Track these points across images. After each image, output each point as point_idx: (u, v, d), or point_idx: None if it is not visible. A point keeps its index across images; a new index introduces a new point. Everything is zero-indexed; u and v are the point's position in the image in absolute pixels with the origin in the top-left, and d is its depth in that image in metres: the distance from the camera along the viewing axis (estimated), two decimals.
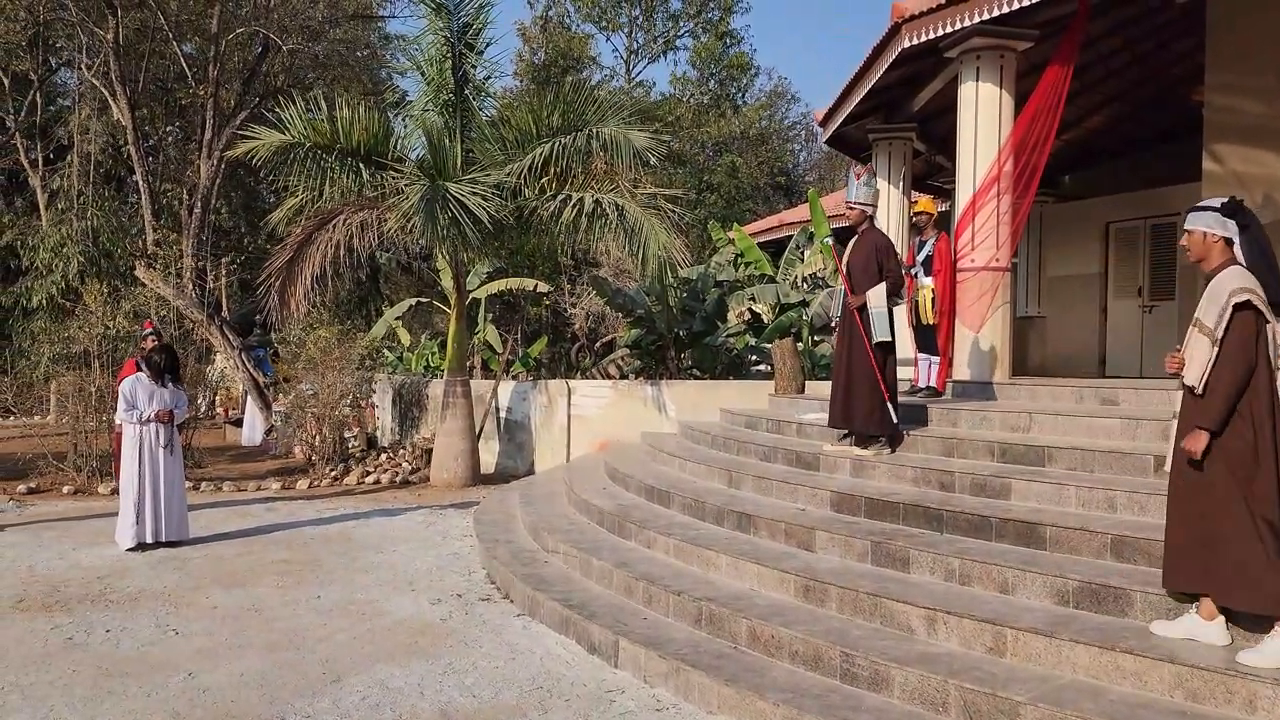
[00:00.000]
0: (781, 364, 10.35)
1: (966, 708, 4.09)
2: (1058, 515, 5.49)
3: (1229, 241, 4.18)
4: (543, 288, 17.46)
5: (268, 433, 15.60)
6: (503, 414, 13.44)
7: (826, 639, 4.75)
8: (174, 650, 5.57)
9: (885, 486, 6.61)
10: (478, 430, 12.51)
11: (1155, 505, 5.16)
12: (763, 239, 19.65)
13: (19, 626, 6.04)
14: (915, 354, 9.11)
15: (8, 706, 4.73)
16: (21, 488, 11.38)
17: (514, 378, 15.96)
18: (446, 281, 15.18)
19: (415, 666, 5.30)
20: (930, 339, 8.88)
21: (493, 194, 10.51)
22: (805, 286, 16.06)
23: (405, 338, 20.15)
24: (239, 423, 17.71)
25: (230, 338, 15.89)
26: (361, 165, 10.94)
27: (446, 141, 11.24)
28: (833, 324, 7.54)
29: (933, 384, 8.85)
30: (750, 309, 16.73)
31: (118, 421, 8.75)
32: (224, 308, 20.72)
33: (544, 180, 10.94)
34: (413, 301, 18.60)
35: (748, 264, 16.97)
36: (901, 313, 8.39)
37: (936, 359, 8.87)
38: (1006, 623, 4.48)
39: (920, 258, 8.79)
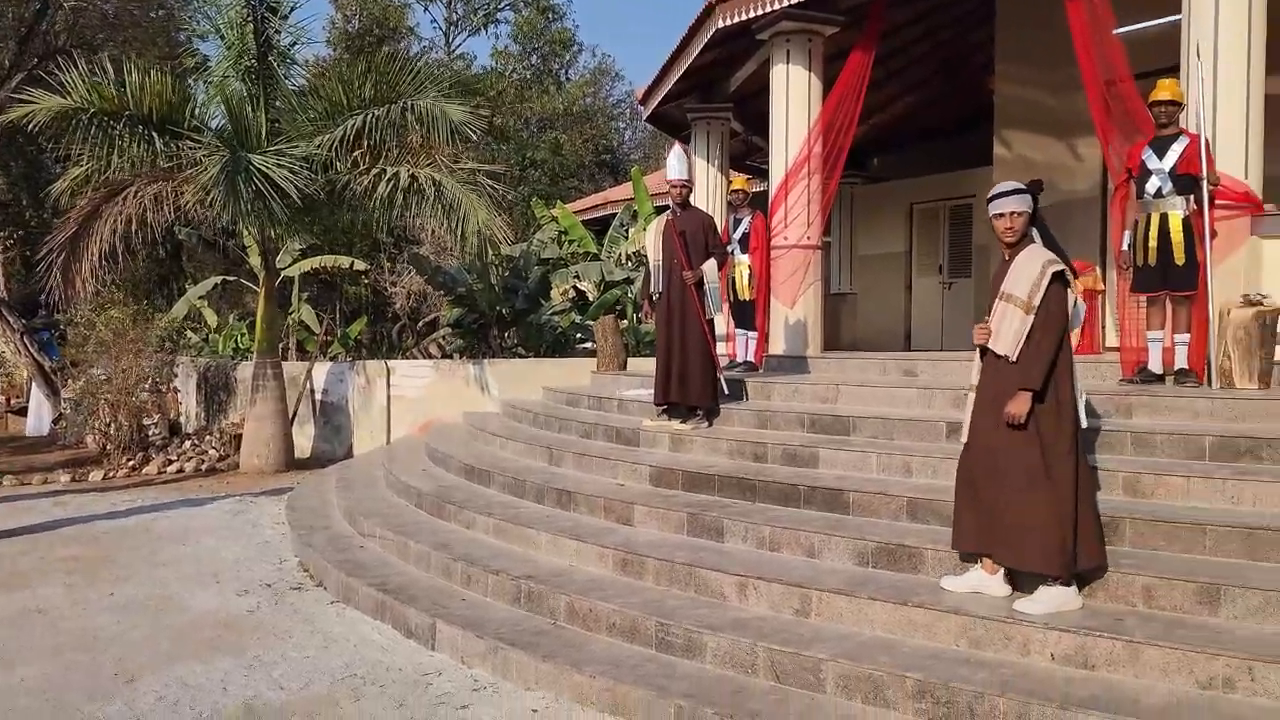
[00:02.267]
0: (604, 341, 10.45)
1: (774, 668, 4.29)
2: (860, 481, 5.80)
3: (1029, 219, 4.51)
4: (360, 266, 16.95)
5: (55, 421, 14.53)
6: (318, 396, 13.00)
7: (643, 610, 4.87)
8: None
9: (702, 459, 6.80)
10: (291, 414, 12.06)
11: (946, 469, 5.53)
12: (587, 217, 19.73)
13: None
14: (732, 330, 9.40)
15: None
16: None
17: (332, 359, 15.44)
18: (254, 259, 14.52)
19: (219, 662, 5.09)
20: (748, 315, 9.17)
21: (301, 167, 10.10)
22: (630, 264, 16.26)
23: (212, 318, 19.10)
24: (23, 411, 16.39)
25: (10, 319, 14.69)
26: (155, 134, 10.26)
27: (249, 110, 10.71)
28: (650, 299, 7.65)
29: (750, 359, 9.15)
30: (575, 287, 16.80)
31: None
32: (2, 287, 19.10)
33: (357, 154, 10.59)
34: (217, 280, 17.66)
35: (572, 241, 17.01)
36: (719, 289, 8.62)
37: (754, 334, 9.18)
38: (812, 585, 4.71)
39: (736, 235, 9.05)
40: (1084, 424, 4.45)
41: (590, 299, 16.13)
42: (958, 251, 14.33)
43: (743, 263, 9.04)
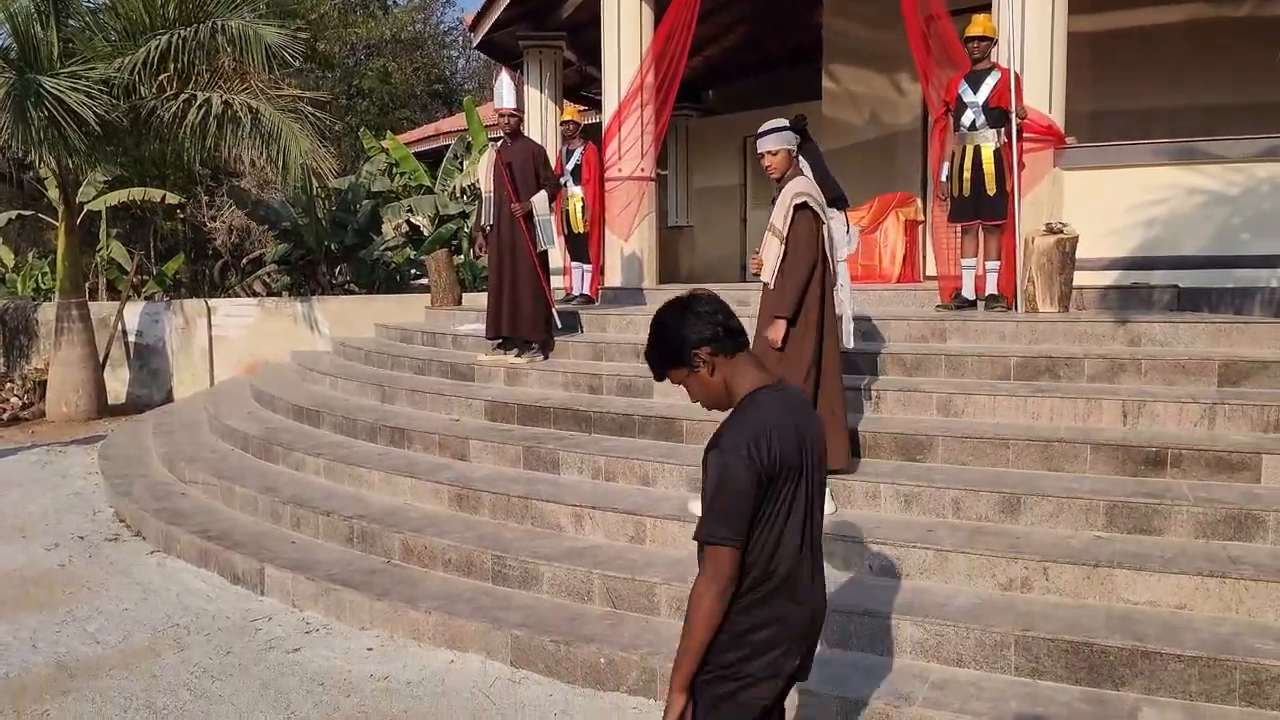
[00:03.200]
0: (437, 276, 10.20)
1: (610, 594, 4.35)
2: (693, 409, 5.89)
3: (792, 154, 4.69)
4: (173, 199, 15.87)
5: None
6: (132, 338, 12.21)
7: (479, 544, 4.84)
8: None
9: (538, 392, 6.77)
10: (102, 357, 11.29)
11: None
12: (420, 149, 19.08)
13: None
14: (567, 263, 9.34)
15: None
16: None
17: (148, 298, 14.51)
18: (53, 192, 13.37)
19: (26, 619, 4.78)
20: (582, 247, 9.11)
21: (100, 91, 9.31)
22: (465, 198, 15.88)
23: (9, 257, 17.59)
24: None
25: None
26: None
27: (38, 28, 9.77)
28: (483, 232, 7.50)
29: (586, 291, 9.13)
30: (408, 221, 16.31)
31: None
32: None
33: (163, 78, 9.83)
34: (12, 215, 16.22)
35: (403, 174, 16.45)
36: (553, 221, 8.53)
37: (589, 267, 9.15)
38: (646, 513, 4.78)
39: (569, 167, 8.93)
40: (848, 344, 4.82)
41: (424, 234, 15.70)
42: None
43: (576, 195, 8.95)
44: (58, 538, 6.18)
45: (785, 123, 4.70)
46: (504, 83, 7.43)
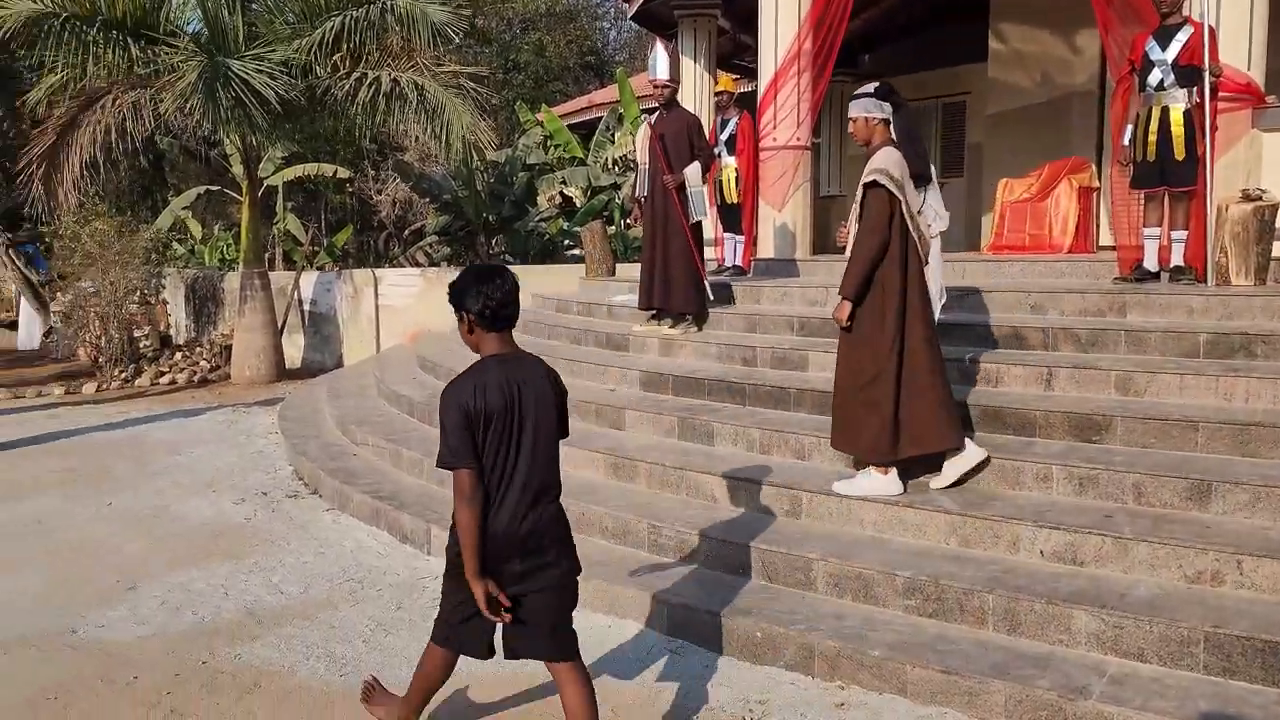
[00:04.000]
0: (591, 247, 10.31)
1: (765, 568, 4.31)
2: None
3: (886, 123, 4.54)
4: (344, 174, 16.62)
5: (46, 335, 14.39)
6: (306, 306, 12.88)
7: (635, 513, 4.87)
8: None
9: (692, 364, 6.76)
10: (280, 324, 11.96)
11: None
12: (572, 121, 19.31)
13: None
14: (720, 234, 9.26)
15: None
16: None
17: (319, 269, 15.27)
18: (237, 168, 14.20)
19: (218, 568, 5.11)
20: (735, 218, 9.02)
21: (280, 72, 9.79)
22: (616, 169, 15.98)
23: (197, 229, 18.82)
24: (13, 325, 16.23)
25: None
26: (129, 39, 9.90)
27: (226, 14, 10.31)
28: (639, 203, 7.50)
29: (738, 263, 9.04)
30: (562, 192, 16.55)
31: None
32: None
33: (336, 58, 10.25)
34: (201, 190, 17.32)
35: (557, 146, 16.68)
36: (705, 192, 8.47)
37: (742, 238, 9.05)
38: (802, 486, 4.70)
39: (723, 137, 8.84)
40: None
41: (577, 205, 15.90)
42: (950, 150, 14.10)
43: (729, 165, 8.86)
44: (243, 493, 6.58)
45: (871, 88, 4.55)
46: (658, 53, 7.37)
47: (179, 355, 12.70)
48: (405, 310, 12.05)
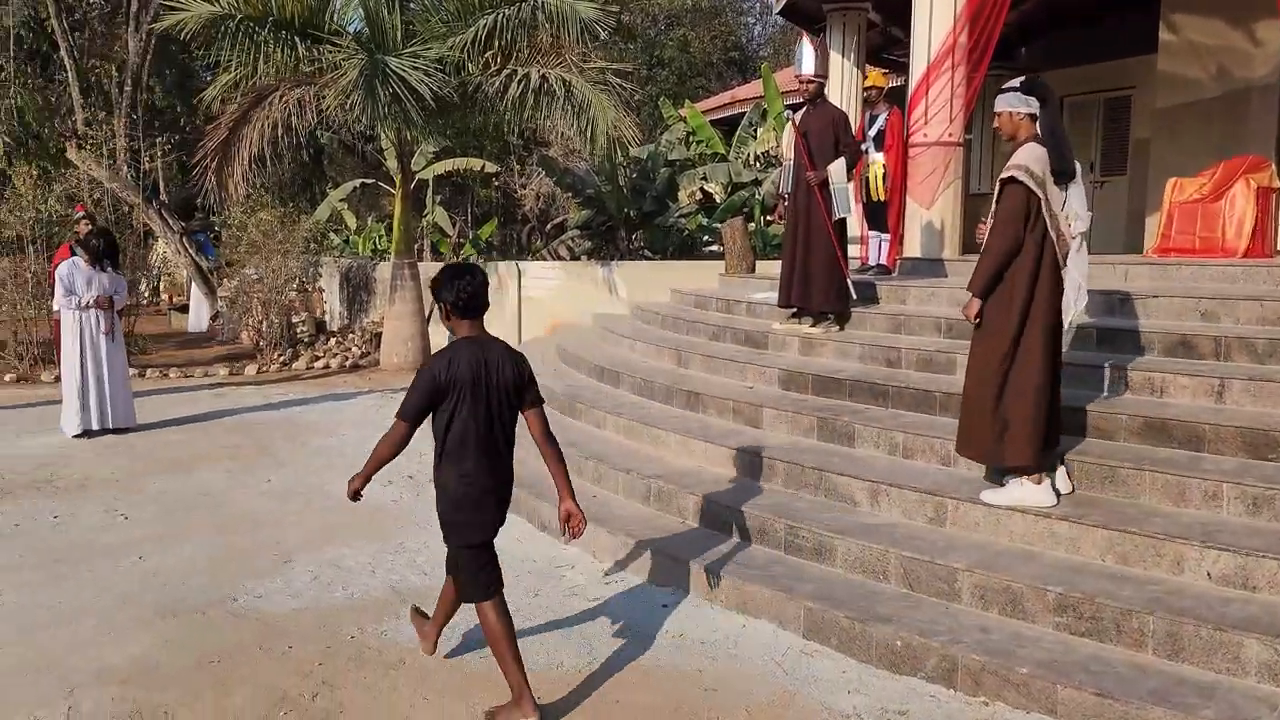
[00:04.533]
0: (732, 243, 10.26)
1: (906, 575, 4.20)
2: None
3: (1033, 118, 4.39)
4: (491, 168, 17.06)
5: (213, 318, 15.31)
6: None
7: (772, 512, 4.82)
8: (123, 535, 5.53)
9: (833, 363, 6.64)
10: (427, 313, 12.36)
11: (1094, 377, 5.25)
12: (715, 116, 19.26)
13: None
14: (865, 231, 9.07)
15: None
16: None
17: (464, 260, 15.70)
18: (391, 162, 14.76)
19: (367, 547, 5.32)
20: (881, 216, 8.82)
21: (435, 69, 10.11)
22: (758, 165, 15.86)
23: (351, 220, 19.68)
24: (184, 308, 17.34)
25: (170, 221, 15.39)
26: (297, 39, 10.41)
27: (385, 13, 10.72)
28: (783, 200, 7.42)
29: (883, 261, 8.84)
30: (702, 188, 16.53)
31: (55, 308, 8.48)
32: (162, 190, 20.00)
33: (488, 55, 10.51)
34: (357, 183, 18.09)
35: (699, 142, 16.67)
36: (851, 189, 8.30)
37: (887, 236, 8.84)
38: (947, 493, 4.56)
39: (872, 133, 8.65)
40: (1068, 324, 4.44)
41: (717, 201, 15.85)
42: (1113, 147, 13.39)
43: (877, 162, 8.65)
44: (390, 475, 6.81)
45: (1017, 83, 4.41)
46: (804, 48, 7.26)
47: (332, 341, 13.30)
48: (546, 302, 12.28)
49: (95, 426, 8.07)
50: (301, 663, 3.93)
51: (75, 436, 8.00)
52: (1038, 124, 4.42)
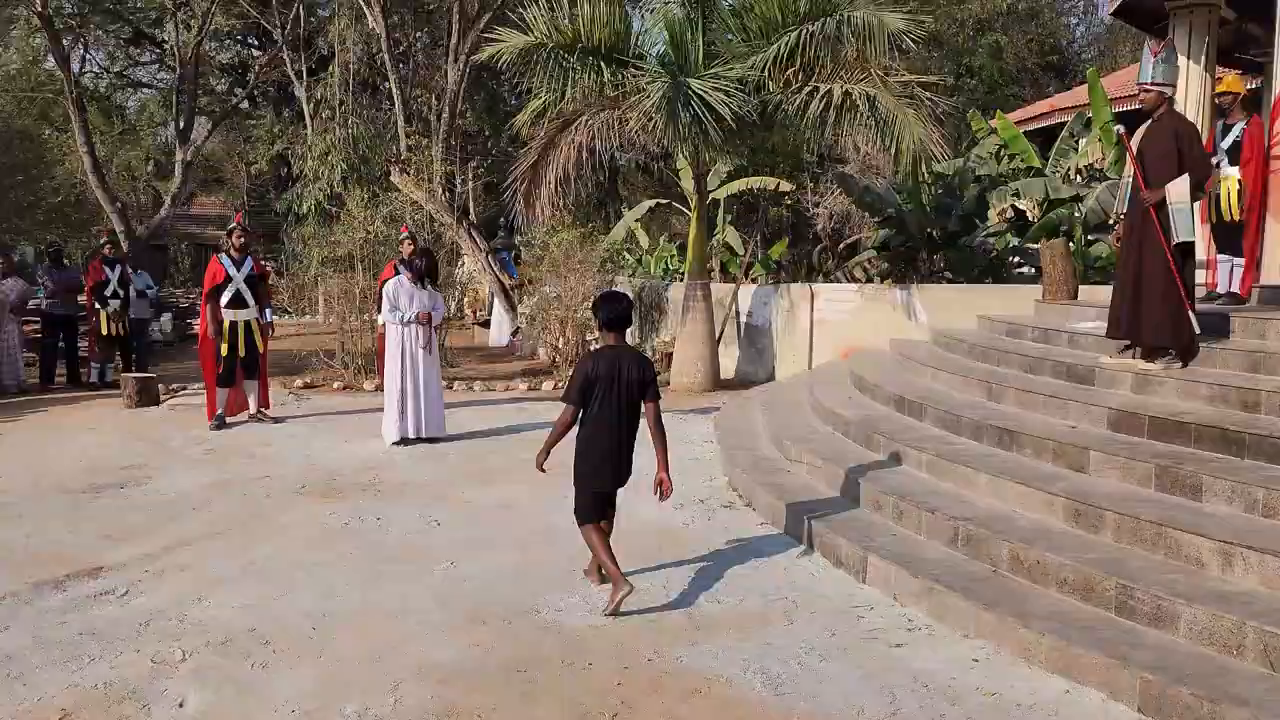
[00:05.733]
0: (1051, 266, 9.67)
1: (1267, 653, 3.77)
2: None
3: None
4: (785, 187, 17.15)
5: (513, 334, 16.44)
6: (743, 318, 13.46)
7: (1100, 568, 4.49)
8: (435, 540, 6.05)
9: (1174, 405, 6.09)
10: (717, 335, 12.61)
11: None
12: (1030, 128, 18.31)
13: (301, 510, 6.76)
14: (1213, 256, 8.27)
15: (296, 582, 5.32)
16: (298, 382, 12.67)
17: (754, 281, 15.90)
18: (686, 182, 15.25)
19: (660, 569, 5.49)
20: (1234, 238, 8.02)
21: (735, 89, 10.34)
22: (1079, 180, 14.88)
23: (644, 240, 20.47)
24: (486, 324, 18.76)
25: (478, 240, 16.72)
26: (602, 64, 11.02)
27: (688, 35, 11.12)
28: (1114, 221, 6.92)
29: (1235, 289, 8.02)
30: (1013, 206, 15.72)
31: (380, 322, 9.46)
32: (471, 211, 21.78)
33: (789, 72, 10.61)
34: (651, 203, 18.80)
35: (1012, 156, 15.88)
36: (1198, 209, 7.61)
37: (1240, 261, 8.02)
38: None
39: (1224, 145, 7.89)
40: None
41: (1030, 219, 15.02)
42: None
43: (1230, 176, 7.88)
44: (682, 498, 6.97)
45: None
46: (1149, 54, 6.74)
47: None
48: (840, 326, 12.16)
49: (411, 435, 8.89)
50: (600, 680, 4.11)
51: (394, 444, 8.85)
52: None
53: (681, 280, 13.57)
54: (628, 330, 5.09)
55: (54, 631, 4.67)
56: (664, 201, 18.66)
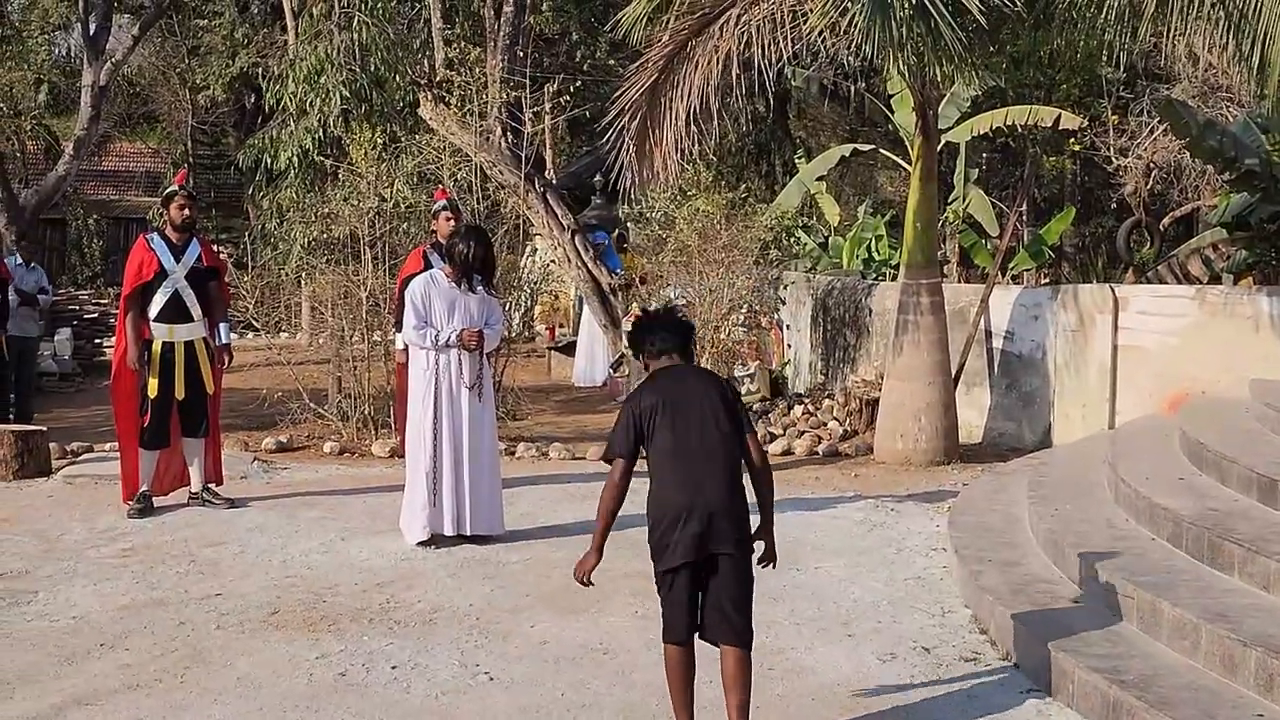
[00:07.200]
0: None
1: None
2: None
3: None
4: (1069, 123, 16.87)
5: (614, 366, 16.33)
6: (996, 342, 13.30)
7: None
8: (487, 704, 6.11)
9: None
10: (956, 370, 12.47)
11: None
12: None
13: (274, 649, 6.91)
14: None
15: None
16: (269, 442, 12.89)
17: (1015, 280, 15.70)
18: (902, 116, 15.15)
19: None
20: None
21: None
22: None
23: (832, 211, 20.35)
24: (571, 348, 18.74)
25: (559, 212, 16.58)
26: None
27: None
28: None
29: None
30: None
31: (399, 344, 9.52)
32: (548, 164, 21.80)
33: None
34: (844, 151, 18.73)
35: None
36: None
37: None
38: None
39: None
40: None
41: None
42: None
43: None
44: (893, 644, 6.93)
45: None
46: None
47: (797, 410, 13.84)
48: (1164, 356, 11.90)
49: (448, 531, 8.97)
50: None
51: (420, 544, 8.96)
52: None
53: (893, 278, 13.48)
54: (694, 351, 5.66)
55: None
56: (865, 148, 18.57)
